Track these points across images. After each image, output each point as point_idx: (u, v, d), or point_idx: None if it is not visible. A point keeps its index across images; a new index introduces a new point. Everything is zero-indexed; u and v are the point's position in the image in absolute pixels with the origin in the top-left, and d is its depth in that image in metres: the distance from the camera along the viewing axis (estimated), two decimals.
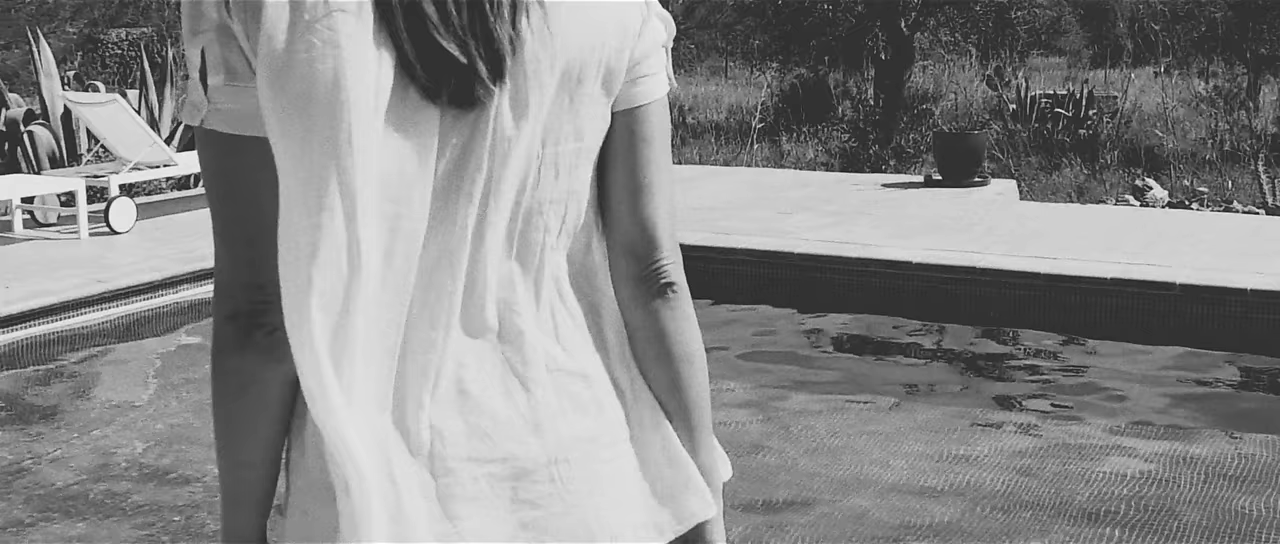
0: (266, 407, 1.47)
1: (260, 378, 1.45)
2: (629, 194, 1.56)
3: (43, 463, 5.48)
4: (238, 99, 1.39)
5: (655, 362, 1.61)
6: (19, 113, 11.34)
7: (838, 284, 7.96)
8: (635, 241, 1.57)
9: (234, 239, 1.43)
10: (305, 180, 1.33)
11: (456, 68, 1.38)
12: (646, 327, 1.59)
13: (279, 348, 1.40)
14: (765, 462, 5.36)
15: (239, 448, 1.50)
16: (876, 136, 15.35)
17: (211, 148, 1.42)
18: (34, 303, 7.21)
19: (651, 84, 1.57)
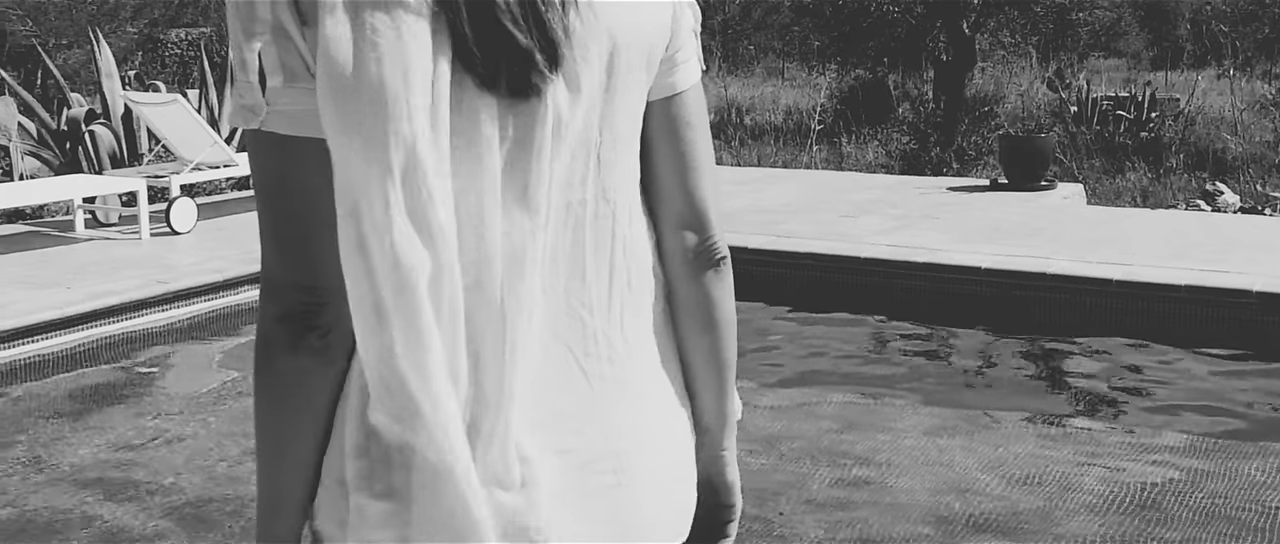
0: (315, 410, 1.48)
1: (310, 380, 1.46)
2: (678, 176, 1.61)
3: (105, 463, 5.45)
4: (298, 100, 1.39)
5: (701, 329, 1.67)
6: (80, 112, 11.36)
7: (903, 289, 7.83)
8: (688, 219, 1.62)
9: (288, 240, 1.43)
10: (372, 178, 1.34)
11: (516, 55, 1.40)
12: (697, 297, 1.65)
13: (331, 350, 1.43)
14: (822, 470, 5.25)
15: (285, 451, 1.50)
16: (937, 139, 15.18)
17: (268, 149, 1.42)
18: (96, 303, 7.19)
19: (687, 70, 1.62)
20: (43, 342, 6.91)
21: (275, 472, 1.52)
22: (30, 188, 9.24)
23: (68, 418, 6.12)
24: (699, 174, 1.63)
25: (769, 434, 5.73)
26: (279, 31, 1.39)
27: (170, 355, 7.14)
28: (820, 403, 6.20)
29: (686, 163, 1.62)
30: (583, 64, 1.46)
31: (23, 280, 7.73)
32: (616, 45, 1.50)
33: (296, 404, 1.47)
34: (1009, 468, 5.29)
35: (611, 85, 1.51)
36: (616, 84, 1.52)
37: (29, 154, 11.20)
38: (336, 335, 1.43)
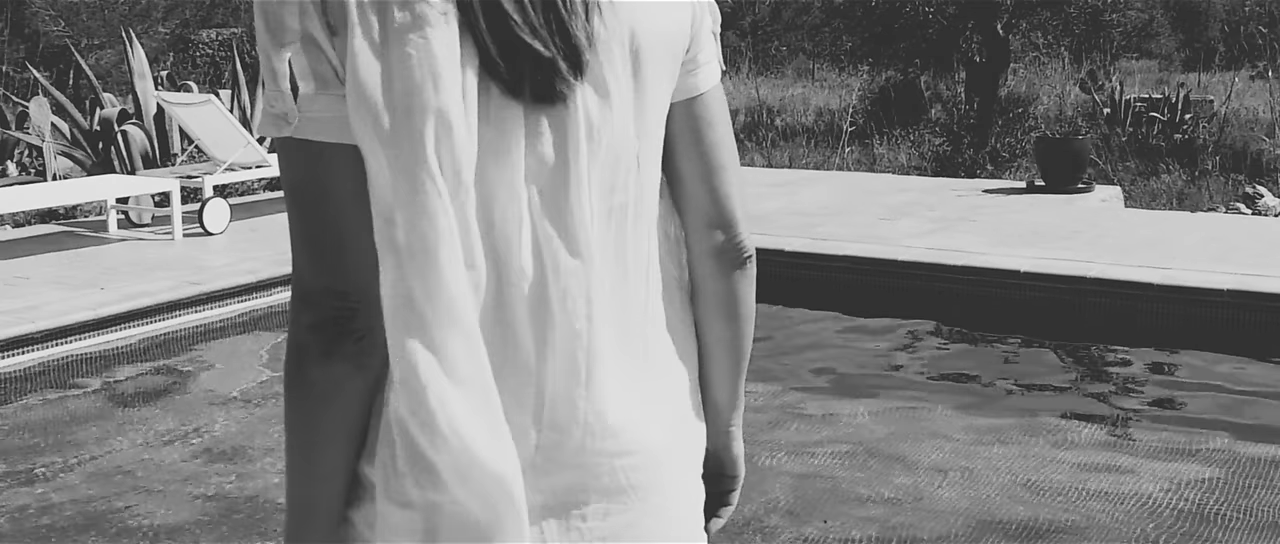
0: (348, 418, 1.47)
1: (345, 388, 1.45)
2: (704, 176, 1.63)
3: (139, 464, 5.41)
4: (330, 107, 1.40)
5: (725, 322, 1.71)
6: (113, 112, 11.35)
7: (942, 292, 7.75)
8: (714, 219, 1.64)
9: (321, 247, 1.43)
10: (405, 187, 1.36)
11: (539, 63, 1.41)
12: (723, 293, 1.68)
13: (365, 356, 1.43)
14: (863, 476, 5.18)
15: (317, 460, 1.49)
16: (971, 140, 15.07)
17: (300, 156, 1.43)
18: (130, 304, 7.16)
19: (708, 72, 1.63)
20: (77, 342, 6.88)
21: (306, 481, 1.51)
22: (64, 188, 9.24)
23: (101, 419, 6.09)
24: (724, 173, 1.65)
25: (808, 439, 5.66)
26: (308, 41, 1.40)
27: (203, 356, 7.10)
28: (859, 407, 6.12)
29: (711, 163, 1.64)
30: (608, 68, 1.47)
31: (56, 281, 7.71)
32: (639, 46, 1.51)
33: (330, 413, 1.46)
34: (1049, 473, 5.21)
35: (639, 86, 1.52)
36: (644, 84, 1.53)
37: (61, 154, 11.20)
38: (371, 342, 1.43)
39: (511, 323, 1.45)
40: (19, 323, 6.75)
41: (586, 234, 1.47)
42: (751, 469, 5.09)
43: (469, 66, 1.39)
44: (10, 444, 5.78)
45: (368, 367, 1.44)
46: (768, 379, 6.49)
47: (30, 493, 5.17)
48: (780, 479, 5.16)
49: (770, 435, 5.67)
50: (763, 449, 5.47)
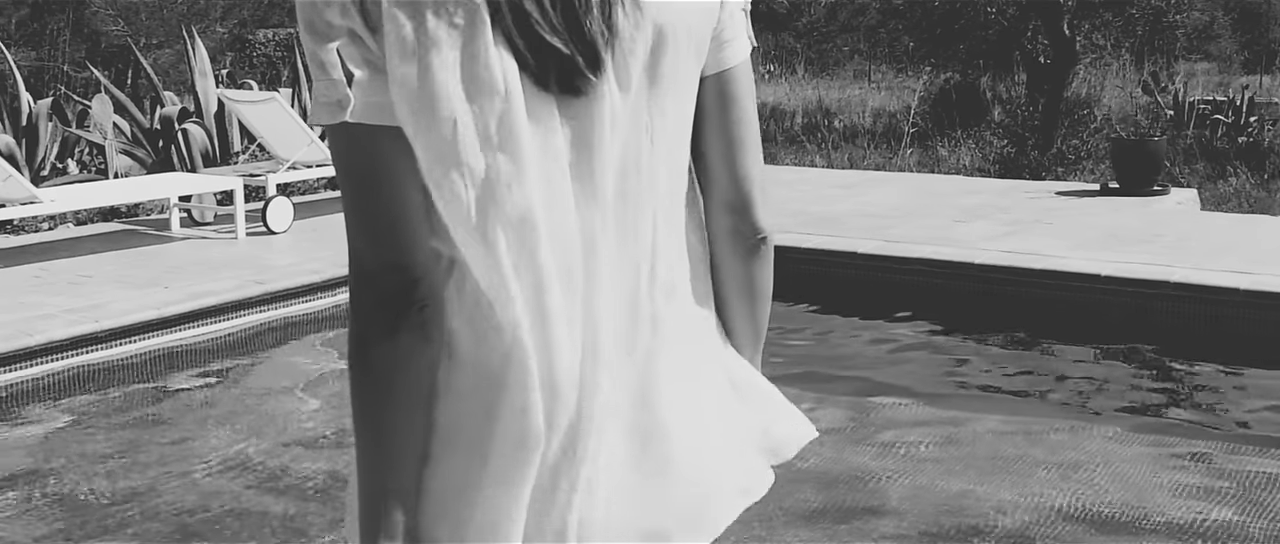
0: (419, 393, 1.50)
1: (413, 362, 1.49)
2: (724, 152, 1.68)
3: (202, 465, 5.30)
4: (383, 92, 1.45)
5: (741, 299, 1.78)
6: (173, 111, 11.29)
7: (1021, 297, 7.54)
8: (733, 198, 1.70)
9: (379, 225, 1.48)
10: (447, 173, 1.45)
11: (560, 59, 1.48)
12: (740, 274, 1.75)
13: (429, 326, 1.49)
14: (939, 482, 5.00)
15: (393, 441, 1.51)
16: (1035, 142, 14.83)
17: (355, 141, 1.48)
18: (194, 304, 7.07)
19: (737, 47, 1.67)
20: (141, 342, 6.80)
21: (384, 465, 1.52)
22: (127, 186, 9.17)
23: (165, 419, 5.99)
24: (744, 151, 1.69)
25: (885, 443, 5.49)
26: (351, 34, 1.46)
27: (268, 357, 7.00)
28: (936, 413, 5.95)
29: (733, 139, 1.68)
30: (631, 58, 1.54)
31: (120, 279, 7.64)
32: (662, 35, 1.56)
33: (401, 388, 1.49)
34: (1138, 482, 5.04)
35: (657, 72, 1.57)
36: (663, 71, 1.58)
37: (122, 152, 11.15)
38: (433, 312, 1.49)
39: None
40: (83, 322, 6.67)
41: (603, 218, 1.54)
42: (841, 475, 4.72)
43: (507, 63, 1.46)
44: (75, 444, 5.69)
45: (431, 337, 1.49)
46: (844, 387, 6.33)
47: (93, 493, 5.07)
48: (868, 484, 5.00)
49: (856, 441, 5.51)
50: (853, 453, 5.31)
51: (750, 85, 1.70)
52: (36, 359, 6.43)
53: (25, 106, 11.15)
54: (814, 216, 9.15)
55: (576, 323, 1.53)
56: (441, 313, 1.51)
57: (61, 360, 6.50)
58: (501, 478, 1.54)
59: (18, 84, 11.31)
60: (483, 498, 1.54)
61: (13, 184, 7.93)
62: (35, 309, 6.91)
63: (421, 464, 1.53)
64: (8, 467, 5.44)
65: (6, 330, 6.50)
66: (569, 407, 1.53)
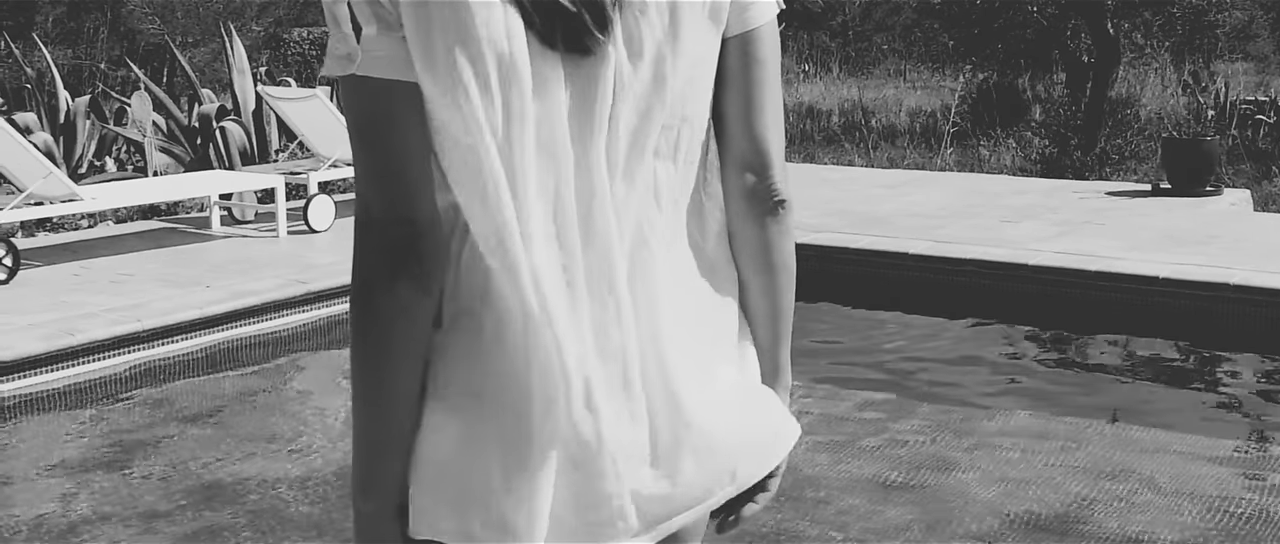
0: (416, 344, 1.53)
1: (412, 312, 1.52)
2: (743, 113, 1.65)
3: (248, 467, 5.20)
4: (393, 47, 1.50)
5: (757, 271, 1.71)
6: (212, 108, 11.21)
7: (1075, 299, 7.38)
8: (749, 159, 1.66)
9: (386, 176, 1.51)
10: (457, 121, 1.50)
11: (566, 17, 1.50)
12: (755, 240, 1.69)
13: (429, 278, 1.52)
14: (998, 489, 4.86)
15: (390, 390, 1.55)
16: (1078, 142, 14.64)
17: (365, 93, 1.52)
18: (237, 303, 6.97)
19: (761, 8, 1.66)
20: (183, 342, 6.70)
21: (381, 413, 1.56)
22: (168, 184, 9.07)
23: (207, 420, 5.90)
24: (763, 113, 1.66)
25: (940, 447, 5.35)
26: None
27: (311, 357, 6.90)
28: (989, 416, 5.81)
29: (752, 101, 1.65)
30: (644, 24, 1.55)
31: (161, 277, 7.55)
32: (677, 1, 1.57)
33: (400, 337, 1.52)
34: (1200, 486, 4.89)
35: (679, 35, 1.57)
36: (682, 34, 1.57)
37: (160, 150, 11.07)
38: (434, 264, 1.52)
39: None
40: (125, 321, 6.58)
41: (601, 180, 1.55)
42: (892, 480, 4.53)
43: (513, 14, 1.48)
44: (116, 444, 5.59)
45: (431, 290, 1.52)
46: (892, 389, 6.20)
47: (134, 494, 4.97)
48: (916, 488, 4.87)
49: (908, 444, 5.37)
50: (908, 455, 5.18)
51: (775, 48, 1.68)
52: (78, 359, 6.34)
53: (63, 104, 11.10)
54: (861, 216, 9.01)
55: (577, 284, 1.54)
56: (443, 267, 1.54)
57: (103, 360, 6.41)
58: (506, 441, 1.54)
59: (56, 82, 11.26)
60: (486, 464, 1.55)
61: (53, 181, 7.84)
62: (76, 308, 6.82)
63: (416, 416, 1.56)
64: (50, 467, 5.36)
65: (48, 330, 6.41)
66: (573, 374, 1.53)
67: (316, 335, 7.11)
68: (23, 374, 6.16)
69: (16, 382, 6.12)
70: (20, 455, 5.55)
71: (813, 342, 6.86)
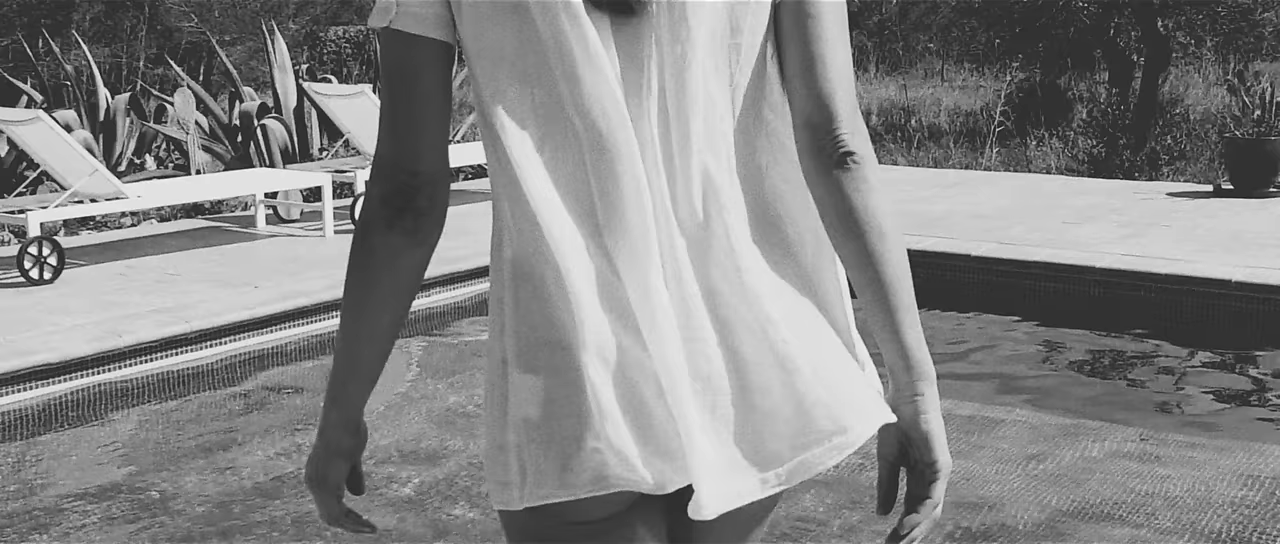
0: (399, 286, 1.65)
1: (400, 259, 1.62)
2: (802, 69, 1.61)
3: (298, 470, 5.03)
4: (425, 3, 1.59)
5: (844, 237, 1.61)
6: (253, 106, 11.07)
7: (1146, 302, 7.17)
8: (811, 114, 1.60)
9: (400, 127, 1.61)
10: (512, 84, 1.58)
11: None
12: (829, 199, 1.60)
13: (422, 231, 1.61)
14: (1069, 497, 4.65)
15: (368, 322, 1.67)
16: (1127, 142, 14.39)
17: (396, 45, 1.61)
18: (286, 304, 6.81)
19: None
20: (232, 343, 6.55)
21: (355, 340, 1.68)
22: (214, 182, 8.91)
23: (256, 423, 5.74)
24: (822, 65, 1.61)
25: (1008, 456, 5.14)
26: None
27: None
28: (1062, 424, 5.60)
29: (809, 55, 1.61)
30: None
31: (208, 277, 7.40)
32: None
33: (385, 278, 1.63)
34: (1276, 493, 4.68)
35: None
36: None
37: (202, 148, 10.94)
38: (429, 220, 1.62)
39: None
40: (174, 322, 6.43)
41: (653, 136, 1.58)
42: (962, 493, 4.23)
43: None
44: (165, 448, 5.44)
45: (422, 241, 1.62)
46: (958, 393, 6.00)
47: (185, 500, 4.81)
48: (984, 495, 4.66)
49: (977, 450, 5.17)
50: (973, 464, 4.97)
51: (831, 3, 1.63)
52: (126, 360, 6.19)
53: (103, 102, 10.98)
54: (918, 217, 8.80)
55: (634, 240, 1.56)
56: (439, 221, 1.62)
57: (152, 362, 6.26)
58: (581, 394, 1.57)
59: (95, 80, 11.14)
60: (566, 418, 1.58)
61: (99, 179, 7.70)
62: (123, 308, 6.68)
63: (390, 346, 1.70)
64: (98, 471, 5.21)
65: (95, 331, 6.27)
66: (631, 321, 1.57)
67: None
68: (70, 376, 6.01)
69: (64, 383, 5.97)
70: (68, 458, 5.40)
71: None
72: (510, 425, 1.62)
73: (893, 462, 1.70)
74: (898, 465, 1.70)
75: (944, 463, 1.67)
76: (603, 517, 1.65)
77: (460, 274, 7.47)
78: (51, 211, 7.61)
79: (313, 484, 1.80)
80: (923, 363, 1.66)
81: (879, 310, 1.62)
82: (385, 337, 1.68)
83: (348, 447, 1.77)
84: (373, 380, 1.72)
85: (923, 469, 1.67)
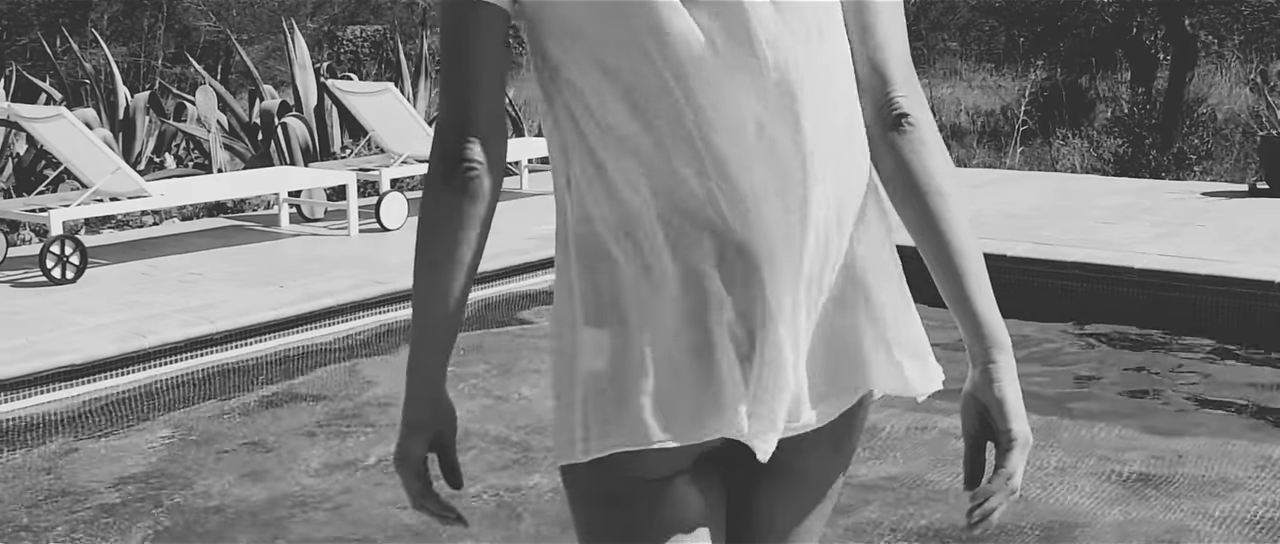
0: (462, 239, 1.67)
1: (460, 213, 1.67)
2: (860, 42, 1.68)
3: (328, 475, 4.92)
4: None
5: (904, 200, 1.67)
6: (273, 104, 10.97)
7: (1185, 303, 7.03)
8: (870, 82, 1.68)
9: (456, 91, 1.67)
10: (624, 46, 1.61)
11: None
12: (889, 161, 1.67)
13: (475, 188, 1.66)
14: (1109, 507, 4.53)
15: (436, 280, 1.69)
16: (1154, 141, 14.25)
17: (454, 13, 1.67)
18: (313, 304, 6.71)
19: None
20: (258, 344, 6.45)
21: (426, 299, 1.71)
22: (237, 180, 8.80)
23: (283, 426, 5.63)
24: (876, 35, 1.67)
25: (1051, 463, 5.02)
26: None
27: (388, 361, 6.63)
28: (1102, 431, 5.47)
29: (866, 28, 1.67)
30: None
31: (232, 277, 7.30)
32: None
33: (449, 231, 1.67)
34: None
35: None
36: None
37: (222, 146, 10.84)
38: (486, 176, 1.67)
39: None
40: (198, 322, 6.34)
41: (765, 105, 1.62)
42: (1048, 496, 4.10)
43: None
44: (191, 451, 5.33)
45: (477, 197, 1.66)
46: None
47: (211, 505, 4.71)
48: (1023, 503, 4.55)
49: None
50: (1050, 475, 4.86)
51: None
52: (150, 361, 6.09)
53: (122, 100, 10.89)
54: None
55: (755, 199, 1.62)
56: (496, 177, 1.68)
57: (176, 363, 6.17)
58: (653, 351, 1.65)
59: (114, 78, 11.05)
60: (636, 374, 1.65)
61: (122, 177, 7.61)
62: (146, 308, 6.59)
63: (463, 299, 1.71)
64: (122, 475, 5.10)
65: (119, 331, 6.17)
66: (749, 283, 1.64)
67: (394, 337, 6.85)
68: (93, 377, 5.91)
69: (87, 385, 5.88)
70: (91, 462, 5.29)
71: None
72: (577, 381, 1.68)
73: (976, 435, 1.73)
74: (981, 439, 1.73)
75: (1020, 433, 1.69)
76: (663, 474, 1.70)
77: (488, 275, 7.39)
78: (74, 210, 7.51)
79: (396, 462, 1.80)
80: (995, 330, 1.70)
81: (947, 277, 1.68)
82: (454, 296, 1.70)
83: (425, 419, 1.77)
84: (446, 346, 1.74)
85: (999, 439, 1.70)
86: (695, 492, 1.72)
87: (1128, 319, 7.06)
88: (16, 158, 10.18)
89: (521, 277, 7.57)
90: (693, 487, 1.72)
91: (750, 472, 1.77)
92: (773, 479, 1.79)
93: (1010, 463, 1.68)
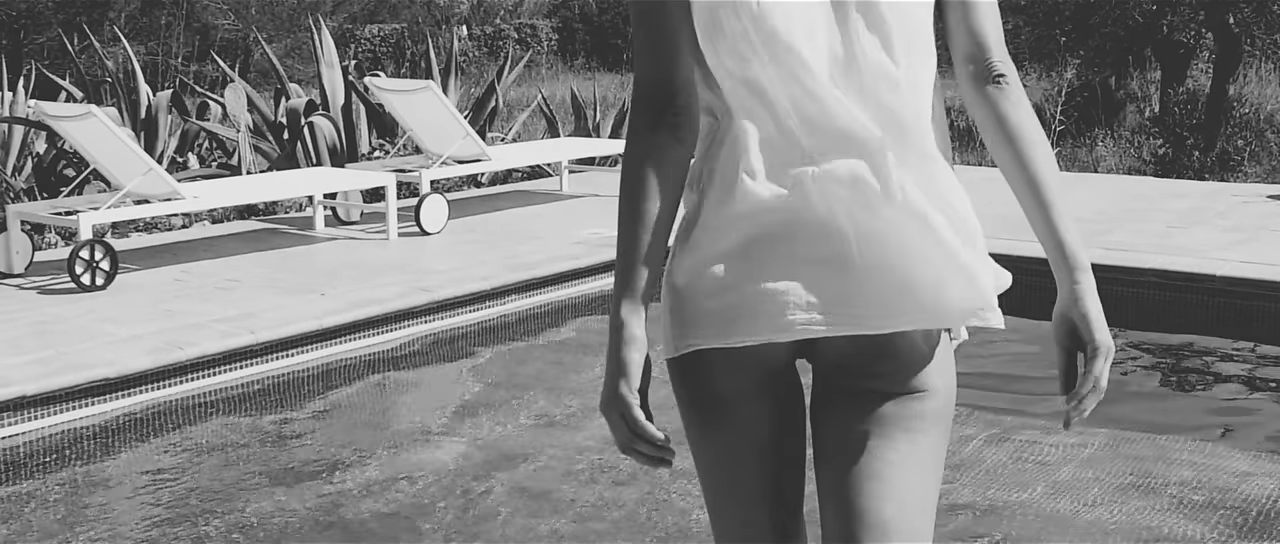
0: (667, 179, 1.88)
1: (665, 153, 1.88)
2: (963, 18, 1.93)
3: (373, 496, 4.58)
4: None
5: (999, 144, 1.93)
6: (300, 103, 10.64)
7: (1269, 314, 6.69)
8: (969, 48, 1.93)
9: (654, 49, 1.90)
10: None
11: None
12: (984, 113, 1.93)
13: (681, 130, 1.89)
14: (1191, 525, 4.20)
15: (644, 211, 1.88)
16: (1195, 141, 13.90)
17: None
18: (357, 314, 6.37)
19: None
20: (300, 355, 6.12)
21: (633, 224, 1.88)
22: (272, 182, 8.43)
23: (326, 441, 5.29)
24: (979, 12, 1.93)
25: (1134, 481, 4.68)
26: None
27: (436, 372, 6.30)
28: (1178, 440, 5.14)
29: (965, 2, 1.93)
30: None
31: (270, 284, 6.96)
32: None
33: (654, 176, 1.87)
34: None
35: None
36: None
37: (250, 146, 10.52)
38: (686, 121, 1.90)
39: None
40: (238, 333, 6.01)
41: (851, 51, 1.88)
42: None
43: None
44: (232, 467, 4.99)
45: (682, 139, 1.89)
46: None
47: (253, 523, 4.37)
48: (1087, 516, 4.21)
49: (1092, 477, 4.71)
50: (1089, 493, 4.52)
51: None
52: (189, 374, 5.76)
53: (144, 99, 10.57)
54: (1014, 220, 8.31)
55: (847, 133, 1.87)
56: (694, 125, 1.90)
57: (215, 376, 5.83)
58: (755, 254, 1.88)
59: (136, 77, 10.72)
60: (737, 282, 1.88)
61: (153, 178, 7.27)
62: (183, 318, 6.26)
63: (666, 236, 1.90)
64: (159, 495, 4.77)
65: (155, 342, 5.84)
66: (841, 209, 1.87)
67: (442, 348, 6.52)
68: (128, 392, 5.58)
69: (122, 400, 5.55)
70: (127, 481, 4.97)
71: (978, 365, 6.20)
72: (670, 289, 1.92)
73: (1067, 346, 1.97)
74: (1073, 350, 1.96)
75: (1103, 342, 1.92)
76: (734, 389, 1.96)
77: (534, 282, 7.08)
78: (104, 213, 7.18)
79: (603, 406, 1.90)
80: (1078, 254, 1.94)
81: (1036, 209, 1.92)
82: (659, 227, 1.88)
83: (631, 360, 1.87)
84: (655, 272, 1.89)
85: (1086, 349, 1.93)
86: (765, 417, 1.99)
87: (1211, 326, 6.72)
88: (36, 157, 9.86)
89: (574, 282, 7.26)
90: (762, 409, 1.98)
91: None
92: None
93: (1095, 367, 1.92)
